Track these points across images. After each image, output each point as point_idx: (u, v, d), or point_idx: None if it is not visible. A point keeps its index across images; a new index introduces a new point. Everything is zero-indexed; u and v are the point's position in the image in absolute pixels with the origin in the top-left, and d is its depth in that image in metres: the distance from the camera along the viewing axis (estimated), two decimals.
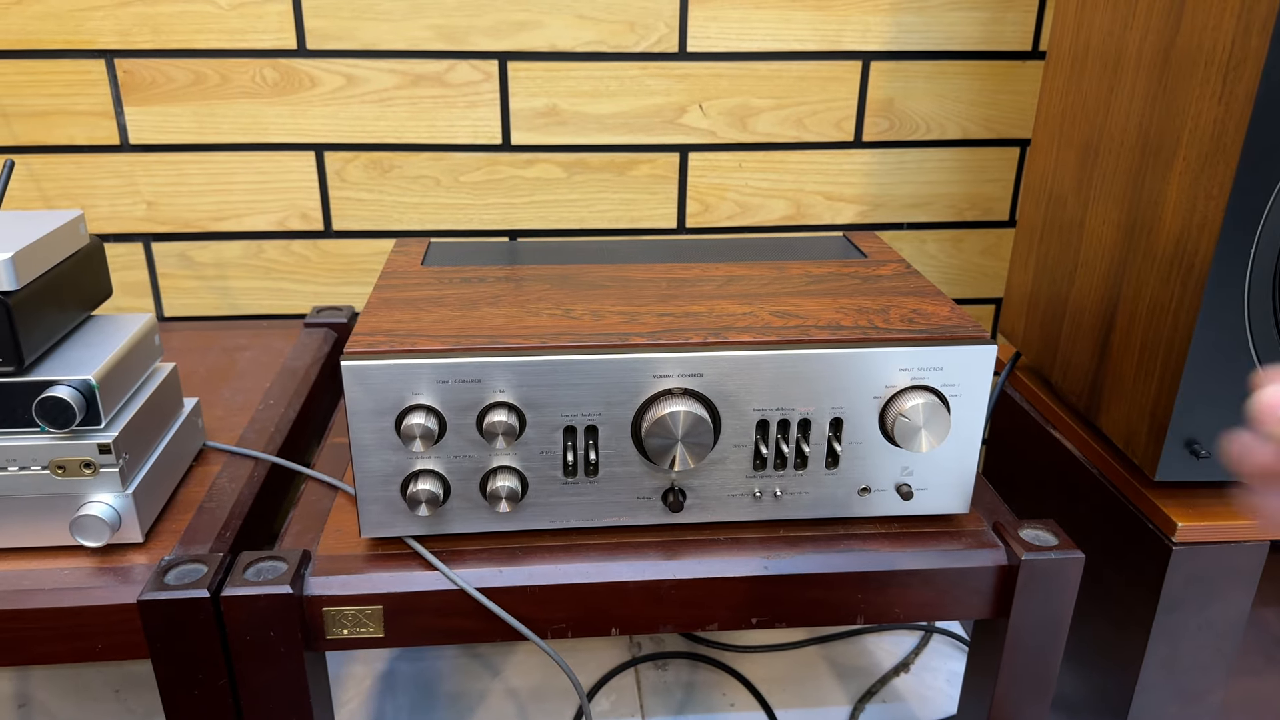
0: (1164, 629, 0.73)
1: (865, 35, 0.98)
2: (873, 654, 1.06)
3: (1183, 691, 0.75)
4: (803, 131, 1.02)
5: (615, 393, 0.61)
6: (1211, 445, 0.69)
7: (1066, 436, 0.85)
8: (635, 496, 0.64)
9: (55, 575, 0.61)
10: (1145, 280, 0.72)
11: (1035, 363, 0.91)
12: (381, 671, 1.02)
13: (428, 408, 0.60)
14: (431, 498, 0.61)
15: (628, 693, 1.00)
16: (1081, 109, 0.82)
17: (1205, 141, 0.65)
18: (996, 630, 0.67)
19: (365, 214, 1.01)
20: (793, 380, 0.62)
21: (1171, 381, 0.68)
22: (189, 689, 0.61)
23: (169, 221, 0.99)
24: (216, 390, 0.85)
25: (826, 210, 1.05)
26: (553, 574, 0.63)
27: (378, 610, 0.62)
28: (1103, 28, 0.78)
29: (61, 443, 0.60)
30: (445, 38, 0.94)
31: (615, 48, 0.96)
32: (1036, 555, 0.64)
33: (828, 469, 0.65)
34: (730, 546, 0.65)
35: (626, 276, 0.75)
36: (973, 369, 0.63)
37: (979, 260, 1.10)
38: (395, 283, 0.73)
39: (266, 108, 0.96)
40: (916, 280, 0.75)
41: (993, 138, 1.04)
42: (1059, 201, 0.86)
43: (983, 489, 0.72)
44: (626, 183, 1.02)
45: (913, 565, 0.65)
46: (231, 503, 0.69)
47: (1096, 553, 0.79)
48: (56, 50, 0.92)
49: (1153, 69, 0.71)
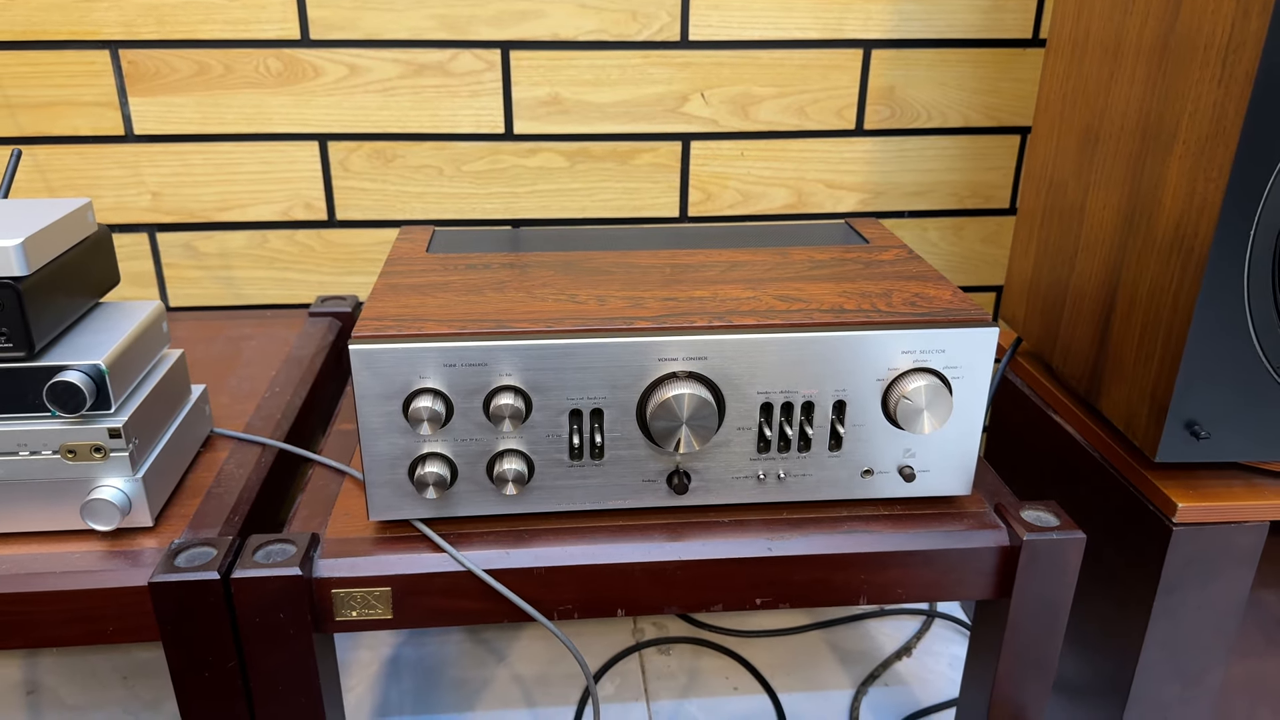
0: (1164, 609, 0.73)
1: (866, 23, 0.99)
2: (875, 638, 1.07)
3: (1183, 671, 0.76)
4: (804, 120, 1.02)
5: (620, 376, 0.62)
6: (1211, 426, 0.69)
7: (1067, 420, 0.85)
8: (640, 479, 0.65)
9: (66, 559, 0.62)
10: (1145, 264, 0.72)
11: (1036, 348, 0.91)
12: (387, 657, 1.03)
13: (435, 391, 0.60)
14: (439, 480, 0.62)
15: (632, 677, 1.01)
16: (1082, 95, 0.82)
17: (1205, 125, 0.65)
18: (998, 611, 0.68)
19: (369, 203, 1.01)
20: (796, 363, 0.63)
21: (1172, 364, 0.69)
22: (199, 671, 0.62)
23: (174, 212, 1.00)
24: (223, 379, 0.86)
25: (828, 198, 1.06)
26: (559, 556, 0.64)
27: (386, 592, 0.62)
28: (1103, 14, 0.78)
29: (72, 427, 0.61)
30: (448, 27, 0.95)
31: (617, 36, 0.97)
32: (1038, 536, 0.64)
33: (831, 451, 0.66)
34: (734, 528, 0.66)
35: (630, 262, 0.75)
36: (974, 351, 0.64)
37: (980, 248, 1.10)
38: (401, 269, 0.74)
39: (270, 98, 0.96)
40: (919, 265, 0.75)
41: (994, 125, 1.05)
42: (1059, 188, 0.86)
43: (984, 471, 0.73)
44: (629, 171, 1.02)
45: (915, 546, 0.65)
46: (240, 488, 0.69)
47: (1097, 534, 0.80)
48: (61, 41, 0.92)
49: (1153, 54, 0.71)
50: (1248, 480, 0.73)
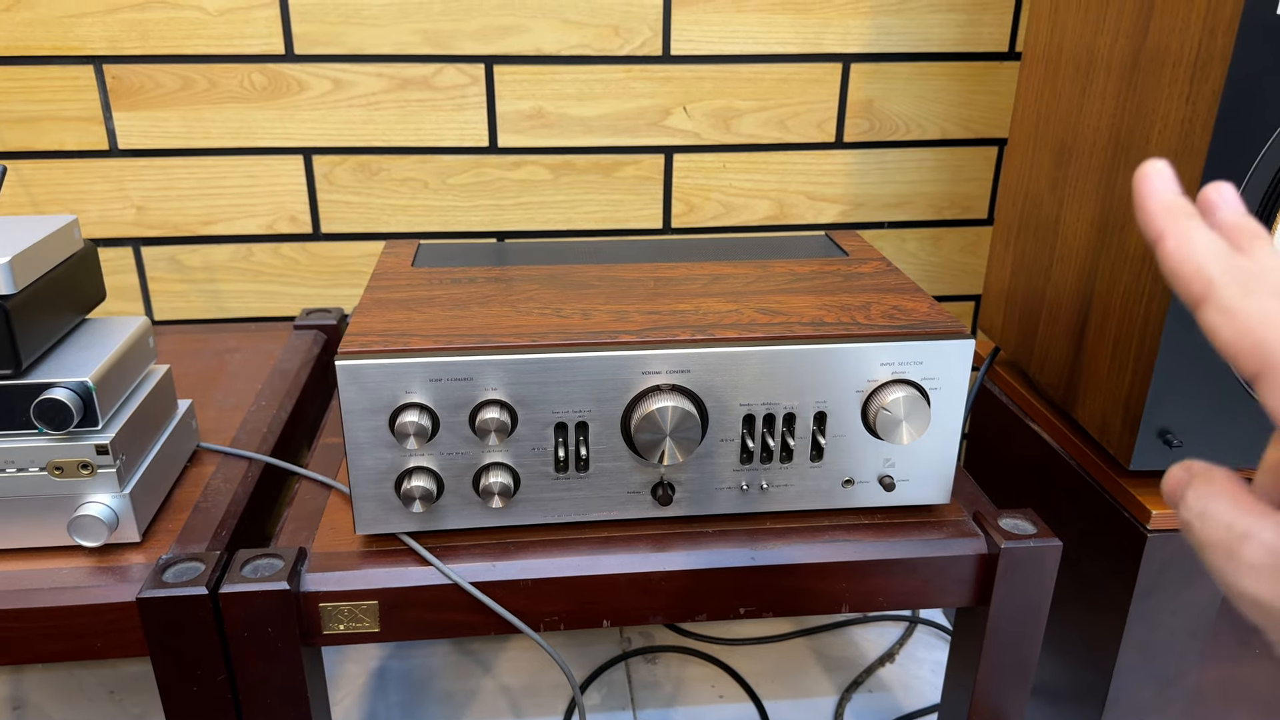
0: (1140, 614, 0.75)
1: (845, 38, 1.00)
2: (858, 645, 1.08)
3: (1158, 675, 0.77)
4: (785, 133, 1.03)
5: (605, 389, 0.63)
6: (1184, 435, 0.71)
7: (1044, 428, 0.87)
8: (625, 491, 0.66)
9: (54, 575, 0.62)
10: (1118, 276, 0.74)
11: (1013, 357, 0.93)
12: (374, 670, 1.03)
13: (421, 406, 0.61)
14: (425, 494, 0.62)
15: (618, 687, 1.01)
16: (1056, 109, 0.84)
17: (1174, 140, 0.67)
18: (977, 618, 0.69)
19: (354, 217, 1.02)
20: (778, 375, 0.64)
21: (1144, 373, 0.70)
22: (188, 686, 0.62)
23: (158, 226, 1.00)
24: (208, 392, 0.86)
25: (809, 210, 1.07)
26: (545, 568, 0.64)
27: (373, 605, 0.63)
28: (1075, 30, 0.80)
29: (59, 444, 0.61)
30: (432, 42, 0.96)
31: (600, 51, 0.98)
32: (1016, 544, 0.66)
33: (812, 462, 0.67)
34: (718, 538, 0.67)
35: (614, 276, 0.76)
36: (952, 362, 0.65)
37: (958, 258, 1.12)
38: (386, 283, 0.74)
39: (255, 112, 0.97)
40: (897, 277, 0.76)
41: (971, 137, 1.06)
42: (1035, 200, 0.88)
43: (963, 480, 0.74)
44: (612, 184, 1.03)
45: (896, 554, 0.67)
46: (227, 502, 0.70)
47: (1073, 541, 0.81)
48: (45, 56, 0.93)
49: (1123, 70, 0.73)
50: None
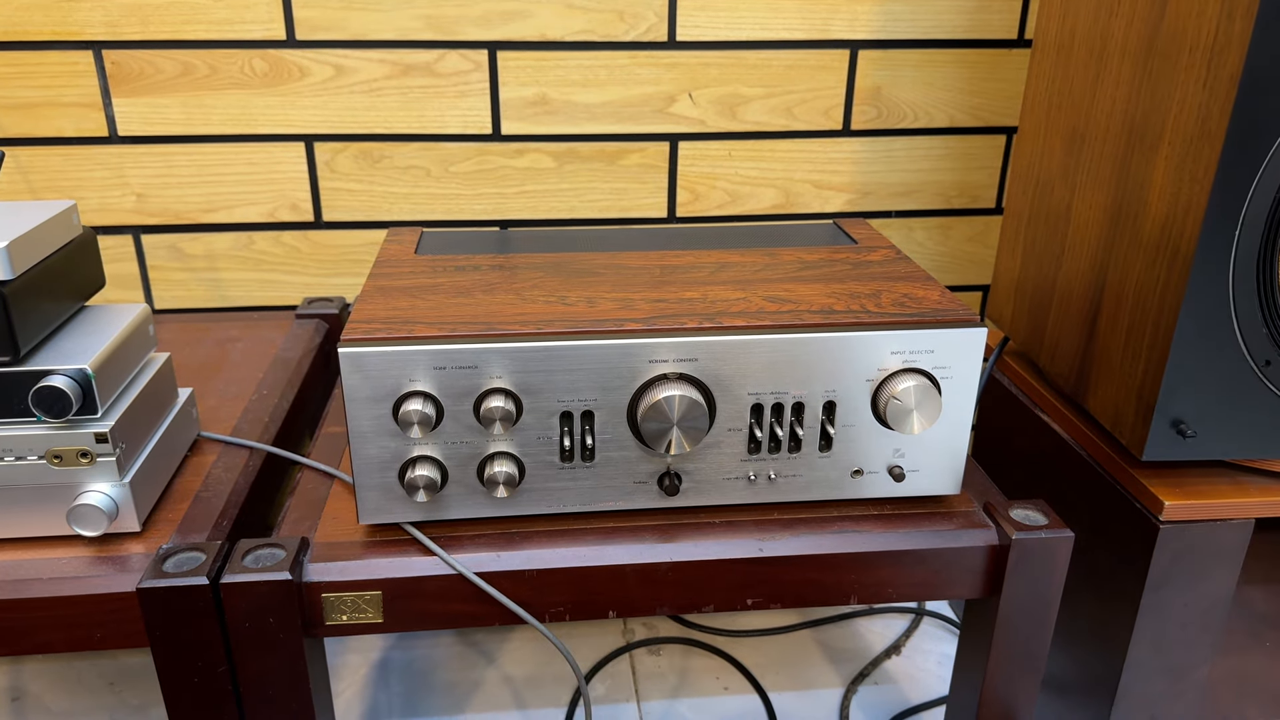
0: (1151, 606, 0.74)
1: (853, 24, 0.99)
2: (864, 637, 1.07)
3: (1170, 668, 0.77)
4: (792, 120, 1.02)
5: (611, 378, 0.62)
6: (1197, 425, 0.70)
7: (1054, 419, 0.86)
8: (631, 481, 0.65)
9: (53, 565, 0.61)
10: (1131, 264, 0.73)
11: (1023, 347, 0.92)
12: (377, 661, 1.03)
13: (425, 394, 0.60)
14: (429, 483, 0.62)
15: (623, 678, 1.01)
16: (1068, 96, 0.83)
17: (1190, 126, 0.65)
18: (987, 610, 0.68)
19: (355, 205, 1.01)
20: (786, 364, 0.63)
21: (1158, 363, 0.69)
22: (188, 676, 0.61)
23: (158, 213, 0.99)
24: (209, 381, 0.85)
25: (816, 198, 1.06)
26: (550, 558, 0.64)
27: (376, 596, 0.62)
28: (1088, 15, 0.79)
29: (58, 432, 0.60)
30: (434, 27, 0.94)
31: (605, 37, 0.97)
32: (1027, 534, 0.65)
33: (821, 452, 0.66)
34: (725, 529, 0.66)
35: (620, 264, 0.75)
36: (963, 351, 0.64)
37: (967, 247, 1.11)
38: (390, 271, 0.73)
39: (256, 98, 0.96)
40: (907, 266, 0.75)
41: (980, 125, 1.05)
42: (1046, 188, 0.87)
43: (973, 470, 0.73)
44: (617, 172, 1.02)
45: (905, 546, 0.66)
46: (228, 492, 0.69)
47: (1085, 532, 0.81)
48: (44, 41, 0.92)
49: (1138, 56, 0.72)
50: (1233, 478, 0.73)
